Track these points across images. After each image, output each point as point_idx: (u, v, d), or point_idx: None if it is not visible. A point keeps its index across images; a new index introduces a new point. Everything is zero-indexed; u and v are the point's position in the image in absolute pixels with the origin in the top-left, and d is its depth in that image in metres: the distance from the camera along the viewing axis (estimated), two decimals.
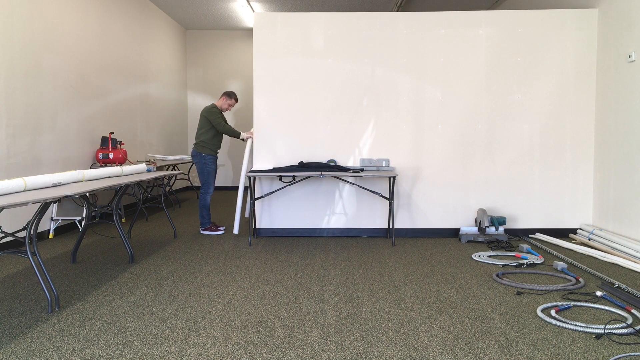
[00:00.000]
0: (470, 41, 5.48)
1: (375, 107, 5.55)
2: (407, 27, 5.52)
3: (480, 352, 2.54)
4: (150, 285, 3.71)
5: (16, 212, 4.82)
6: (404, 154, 5.56)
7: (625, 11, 4.84)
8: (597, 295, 3.39)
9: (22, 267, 4.23)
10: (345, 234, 5.63)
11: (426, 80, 5.53)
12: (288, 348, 2.61)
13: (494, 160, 5.53)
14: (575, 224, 5.51)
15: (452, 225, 5.57)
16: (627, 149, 4.80)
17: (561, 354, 2.52)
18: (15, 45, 4.89)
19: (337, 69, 5.54)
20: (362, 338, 2.73)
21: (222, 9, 9.12)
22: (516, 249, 4.90)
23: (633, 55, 4.65)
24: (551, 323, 2.91)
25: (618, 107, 4.97)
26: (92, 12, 6.44)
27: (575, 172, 5.49)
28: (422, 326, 2.91)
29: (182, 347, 2.61)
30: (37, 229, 3.35)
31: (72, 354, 2.54)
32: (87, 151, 6.30)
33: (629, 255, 4.39)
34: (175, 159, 8.21)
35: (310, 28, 5.58)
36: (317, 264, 4.35)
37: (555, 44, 5.43)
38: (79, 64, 6.10)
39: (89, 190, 3.67)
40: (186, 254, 4.73)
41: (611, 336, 2.70)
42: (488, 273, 4.05)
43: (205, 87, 10.83)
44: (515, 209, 5.53)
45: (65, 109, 5.80)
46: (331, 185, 5.63)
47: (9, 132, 4.81)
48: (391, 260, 4.52)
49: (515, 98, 5.48)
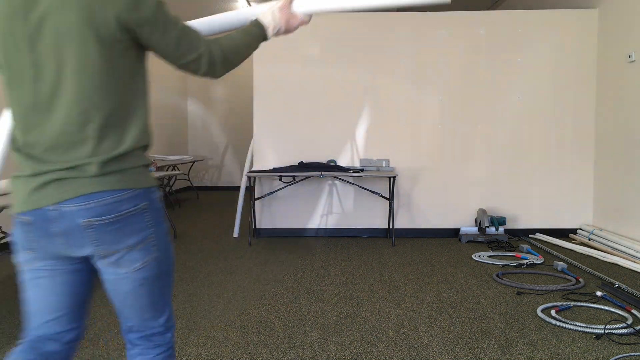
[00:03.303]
0: (470, 41, 5.48)
1: (375, 107, 5.55)
2: (407, 27, 5.52)
3: (480, 352, 2.54)
4: None
5: None
6: (404, 154, 5.55)
7: (625, 11, 4.84)
8: (597, 295, 3.39)
9: None
10: (345, 234, 5.63)
11: (426, 80, 5.52)
12: (288, 348, 2.61)
13: (494, 160, 5.53)
14: (575, 224, 5.51)
15: (452, 225, 5.57)
16: (627, 149, 4.80)
17: (561, 354, 2.52)
18: None
19: (337, 69, 5.54)
20: (362, 338, 2.73)
21: (222, 9, 9.12)
22: (516, 249, 4.89)
23: (633, 55, 4.65)
24: (551, 323, 2.91)
25: (618, 107, 4.97)
26: None
27: (575, 172, 5.49)
28: (422, 326, 2.91)
29: (182, 347, 2.61)
30: None
31: None
32: None
33: (629, 255, 4.38)
34: (175, 159, 8.21)
35: (311, 28, 5.57)
36: (317, 264, 4.36)
37: (555, 44, 5.43)
38: None
39: None
40: (186, 254, 4.73)
41: (611, 336, 2.70)
42: (488, 273, 4.05)
43: (205, 87, 10.83)
44: (515, 209, 5.52)
45: None
46: (331, 186, 5.63)
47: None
48: (391, 260, 4.52)
49: (515, 98, 5.48)
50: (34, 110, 1.25)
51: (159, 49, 1.32)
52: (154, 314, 1.39)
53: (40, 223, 1.26)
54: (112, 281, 1.33)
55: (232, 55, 1.40)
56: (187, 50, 1.32)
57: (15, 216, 1.31)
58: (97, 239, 1.26)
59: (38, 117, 1.25)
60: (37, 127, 1.25)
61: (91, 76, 1.22)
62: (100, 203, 1.24)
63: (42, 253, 1.31)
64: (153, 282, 1.35)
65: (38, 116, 1.25)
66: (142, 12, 1.24)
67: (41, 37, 1.20)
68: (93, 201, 1.24)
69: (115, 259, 1.29)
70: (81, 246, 1.27)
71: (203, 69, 1.36)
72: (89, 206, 1.23)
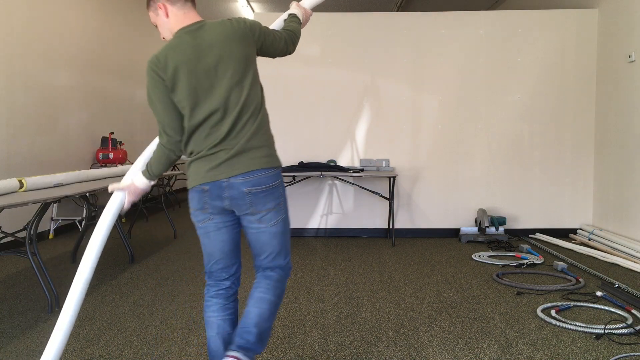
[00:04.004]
0: (470, 41, 5.47)
1: (375, 107, 5.55)
2: (407, 27, 5.51)
3: (480, 352, 2.54)
4: (150, 285, 3.71)
5: (16, 212, 4.82)
6: (404, 154, 5.55)
7: (625, 11, 4.84)
8: (597, 295, 3.39)
9: (22, 267, 4.23)
10: (345, 234, 5.63)
11: (426, 80, 5.52)
12: (288, 348, 2.61)
13: (494, 160, 5.53)
14: (575, 224, 5.51)
15: (452, 225, 5.57)
16: (627, 149, 4.80)
17: (561, 354, 2.52)
18: (15, 45, 4.89)
19: (337, 69, 5.54)
20: (362, 338, 2.73)
21: (222, 9, 9.13)
22: (516, 249, 4.89)
23: (633, 55, 4.65)
24: (551, 323, 2.91)
25: (618, 107, 4.97)
26: (92, 12, 6.44)
27: (575, 172, 5.49)
28: (422, 326, 2.91)
29: (182, 347, 2.61)
30: (37, 229, 3.35)
31: (72, 354, 2.54)
32: (87, 151, 6.30)
33: (629, 255, 4.39)
34: None
35: (310, 28, 5.56)
36: (317, 264, 4.35)
37: (555, 44, 5.43)
38: (79, 63, 6.10)
39: (89, 190, 3.67)
40: (186, 254, 4.73)
41: (611, 336, 2.70)
42: (488, 273, 4.05)
43: None
44: (515, 209, 5.52)
45: (66, 108, 5.80)
46: (331, 186, 5.63)
47: (10, 132, 4.81)
48: (391, 260, 4.52)
49: (515, 98, 5.48)
50: (212, 115, 1.84)
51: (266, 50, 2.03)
52: (280, 256, 1.99)
53: (215, 190, 1.85)
54: (254, 233, 1.93)
55: (298, 35, 2.17)
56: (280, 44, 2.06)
57: (195, 187, 1.89)
58: (252, 202, 1.86)
59: (216, 120, 1.84)
60: (215, 126, 1.85)
61: (248, 87, 1.88)
62: (257, 178, 1.86)
63: (212, 211, 1.90)
64: (281, 234, 1.95)
65: (215, 120, 1.84)
66: (263, 35, 1.98)
67: (215, 69, 1.83)
68: (252, 176, 1.85)
69: (259, 217, 1.89)
70: (240, 206, 1.88)
71: (290, 51, 2.13)
72: (249, 180, 1.84)
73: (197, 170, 1.87)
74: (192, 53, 1.81)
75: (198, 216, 1.93)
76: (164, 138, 1.93)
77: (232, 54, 1.84)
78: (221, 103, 1.83)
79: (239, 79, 1.85)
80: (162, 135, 1.94)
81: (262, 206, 1.87)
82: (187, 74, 1.81)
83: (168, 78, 1.82)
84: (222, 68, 1.83)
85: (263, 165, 1.87)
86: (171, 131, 1.90)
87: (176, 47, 1.83)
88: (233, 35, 1.85)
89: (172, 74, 1.81)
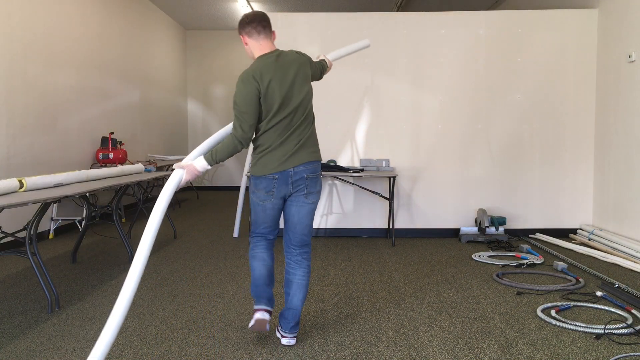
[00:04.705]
0: (470, 41, 5.47)
1: (375, 107, 5.55)
2: (407, 27, 5.52)
3: (480, 352, 2.54)
4: (150, 285, 3.71)
5: (16, 212, 4.82)
6: (404, 154, 5.55)
7: (625, 11, 4.84)
8: (597, 295, 3.39)
9: (22, 267, 4.23)
10: (345, 234, 5.63)
11: (426, 80, 5.52)
12: (288, 348, 2.61)
13: (493, 160, 5.53)
14: (575, 224, 5.51)
15: (452, 225, 5.57)
16: (627, 149, 4.80)
17: (561, 354, 2.52)
18: (15, 45, 4.89)
19: (337, 69, 5.52)
20: (362, 338, 2.74)
21: (222, 9, 9.12)
22: (516, 249, 4.90)
23: (633, 55, 4.65)
24: (551, 323, 2.91)
25: (618, 107, 4.97)
26: (92, 12, 6.44)
27: (575, 172, 5.49)
28: (422, 326, 2.91)
29: (182, 347, 2.61)
30: (37, 229, 3.35)
31: (72, 354, 2.54)
32: (87, 151, 6.30)
33: (629, 255, 4.39)
34: (175, 159, 8.21)
35: (311, 28, 5.58)
36: (317, 264, 4.35)
37: (555, 44, 5.43)
38: (80, 63, 6.10)
39: (89, 190, 3.67)
40: (186, 254, 4.73)
41: (611, 336, 2.70)
42: (488, 273, 4.05)
43: (205, 87, 10.83)
44: (515, 209, 5.52)
45: (66, 108, 5.80)
46: (331, 186, 5.63)
47: (10, 132, 4.81)
48: (391, 260, 4.52)
49: (515, 98, 5.48)
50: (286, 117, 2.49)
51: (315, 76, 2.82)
52: (309, 232, 2.67)
53: (283, 178, 2.51)
54: (301, 206, 2.59)
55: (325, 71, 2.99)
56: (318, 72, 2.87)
57: (267, 175, 2.50)
58: (308, 185, 2.57)
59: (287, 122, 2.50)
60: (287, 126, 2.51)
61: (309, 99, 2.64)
62: (313, 166, 2.59)
63: (276, 195, 2.54)
64: (314, 212, 2.66)
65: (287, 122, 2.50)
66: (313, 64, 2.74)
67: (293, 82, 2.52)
68: (310, 165, 2.57)
69: (307, 195, 2.58)
70: (299, 187, 2.55)
71: (321, 78, 2.92)
72: (308, 168, 2.55)
73: (269, 162, 2.49)
74: (279, 71, 2.48)
75: (261, 197, 2.56)
76: (239, 132, 2.44)
77: (304, 74, 2.56)
78: (295, 109, 2.49)
79: (306, 92, 2.56)
80: (238, 130, 2.44)
81: (312, 188, 2.59)
82: (278, 85, 2.45)
83: (264, 87, 2.42)
84: (298, 82, 2.51)
85: (316, 158, 2.61)
86: (248, 128, 2.45)
87: (265, 66, 2.46)
88: (302, 60, 2.60)
89: (267, 85, 2.43)
